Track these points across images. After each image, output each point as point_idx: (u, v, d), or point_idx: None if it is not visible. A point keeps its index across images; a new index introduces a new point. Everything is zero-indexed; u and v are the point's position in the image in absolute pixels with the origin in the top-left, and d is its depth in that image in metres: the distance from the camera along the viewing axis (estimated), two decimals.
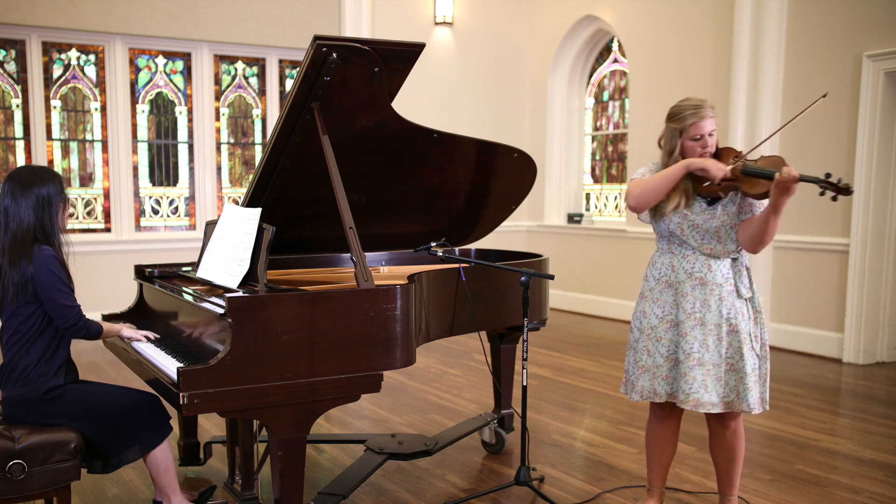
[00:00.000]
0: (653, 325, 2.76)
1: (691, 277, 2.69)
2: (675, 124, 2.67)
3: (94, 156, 6.84)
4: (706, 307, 2.67)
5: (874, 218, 5.65)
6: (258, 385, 2.38)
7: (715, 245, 2.68)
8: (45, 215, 2.63)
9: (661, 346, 2.74)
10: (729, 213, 2.67)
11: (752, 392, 2.65)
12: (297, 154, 2.95)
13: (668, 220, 2.72)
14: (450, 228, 3.78)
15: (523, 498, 3.22)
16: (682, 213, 2.70)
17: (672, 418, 2.88)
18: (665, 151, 2.74)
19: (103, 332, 2.73)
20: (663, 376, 2.74)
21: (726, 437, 2.78)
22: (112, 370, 5.26)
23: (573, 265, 8.08)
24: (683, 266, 2.72)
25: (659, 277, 2.78)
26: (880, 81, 5.51)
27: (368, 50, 2.66)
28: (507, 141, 5.58)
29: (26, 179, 2.63)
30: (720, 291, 2.67)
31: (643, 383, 2.77)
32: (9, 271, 2.57)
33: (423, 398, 4.73)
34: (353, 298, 2.52)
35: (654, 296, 2.78)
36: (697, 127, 2.63)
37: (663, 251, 2.80)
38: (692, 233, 2.69)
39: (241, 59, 7.32)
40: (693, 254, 2.71)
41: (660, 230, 2.78)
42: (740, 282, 2.70)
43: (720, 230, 2.67)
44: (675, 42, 6.96)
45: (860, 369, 5.59)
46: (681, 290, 2.71)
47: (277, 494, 2.51)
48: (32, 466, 2.47)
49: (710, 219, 2.67)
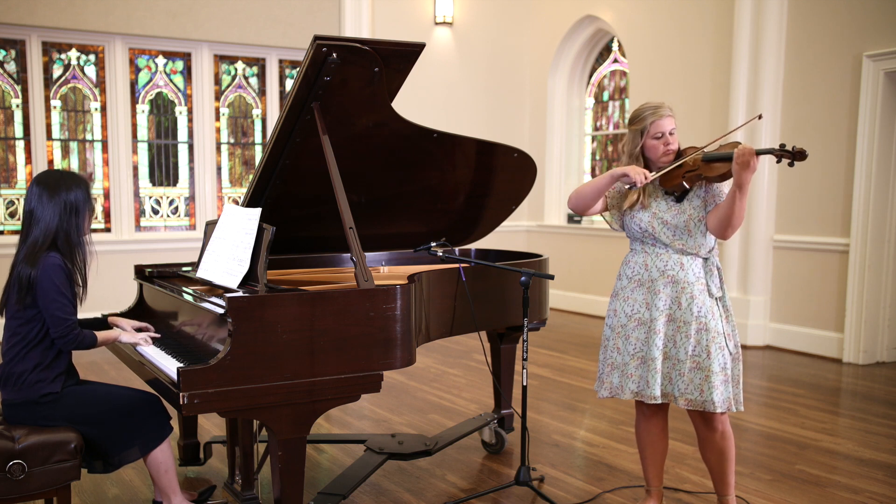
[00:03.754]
0: (622, 324, 2.83)
1: (664, 275, 2.75)
2: (637, 125, 2.79)
3: (94, 156, 6.84)
4: (677, 304, 2.72)
5: (874, 218, 5.65)
6: (258, 385, 2.38)
7: (686, 240, 2.74)
8: (72, 221, 2.64)
9: (629, 344, 2.80)
10: (695, 206, 2.74)
11: (717, 391, 2.66)
12: (297, 154, 2.95)
13: (639, 219, 2.79)
14: (450, 228, 3.78)
15: (523, 498, 3.22)
16: (652, 212, 2.78)
17: (658, 415, 2.92)
18: (627, 154, 2.84)
19: (97, 343, 2.69)
20: (630, 374, 2.79)
21: (715, 440, 2.79)
22: (112, 370, 5.26)
23: (573, 265, 8.08)
24: (656, 264, 2.77)
25: (632, 276, 2.84)
26: (880, 81, 5.51)
27: (368, 50, 2.66)
28: (507, 141, 5.58)
29: (54, 184, 2.63)
30: (692, 290, 2.71)
31: (612, 380, 2.84)
32: (20, 270, 2.58)
33: (423, 398, 4.73)
34: (353, 298, 2.52)
35: (626, 294, 2.84)
36: (657, 125, 2.74)
37: (637, 251, 2.86)
38: (663, 229, 2.76)
39: (241, 59, 7.32)
40: (666, 252, 2.77)
41: (632, 231, 2.85)
42: (711, 281, 2.74)
43: (689, 224, 2.73)
44: (675, 42, 6.96)
45: (860, 369, 5.58)
46: (653, 289, 2.76)
47: (277, 494, 2.51)
48: (32, 466, 2.47)
49: (679, 214, 2.75)
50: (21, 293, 2.56)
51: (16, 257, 2.64)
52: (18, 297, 2.57)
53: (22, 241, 2.64)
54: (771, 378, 5.32)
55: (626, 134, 2.87)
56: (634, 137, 2.80)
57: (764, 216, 6.20)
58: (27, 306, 2.58)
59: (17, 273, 2.59)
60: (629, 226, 2.85)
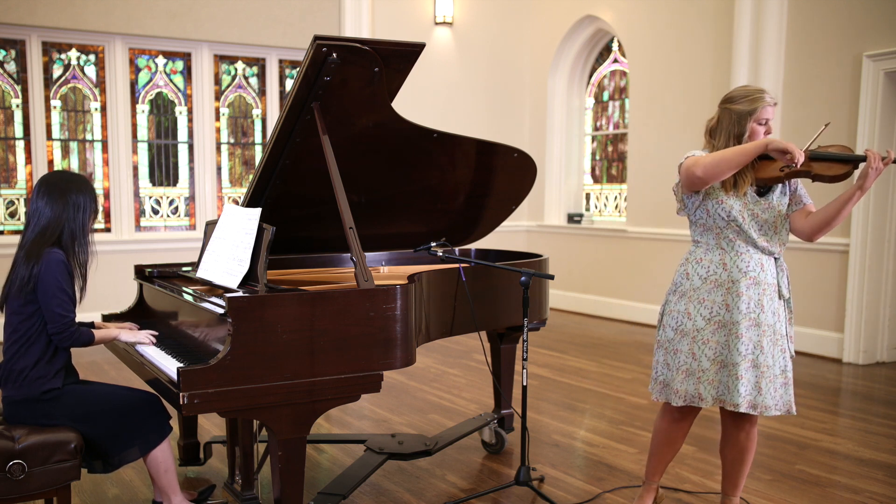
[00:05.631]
0: (699, 328, 2.65)
1: (746, 276, 2.60)
2: (742, 106, 2.59)
3: (94, 156, 6.84)
4: (760, 307, 2.59)
5: (874, 218, 5.65)
6: (258, 385, 2.38)
7: (772, 236, 2.63)
8: (77, 218, 2.66)
9: (708, 348, 2.63)
10: (783, 203, 2.64)
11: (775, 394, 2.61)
12: (298, 154, 2.95)
13: (730, 206, 2.59)
14: (450, 228, 3.77)
15: (523, 498, 3.22)
16: (743, 201, 2.59)
17: (687, 420, 2.82)
18: (731, 135, 2.61)
19: (94, 341, 2.70)
20: (709, 380, 2.63)
21: (740, 439, 2.74)
22: (112, 370, 5.26)
23: (573, 265, 8.08)
24: (737, 264, 2.61)
25: (706, 276, 2.65)
26: (880, 81, 5.51)
27: (368, 50, 2.66)
28: (507, 141, 5.58)
29: (63, 185, 2.66)
30: (771, 291, 2.62)
31: (687, 387, 2.66)
32: (22, 266, 2.59)
33: (423, 398, 4.73)
34: (353, 298, 2.52)
35: (700, 296, 2.65)
36: (767, 111, 2.58)
37: (710, 247, 2.67)
38: (752, 223, 2.60)
39: (241, 59, 7.32)
40: (747, 251, 2.62)
41: (715, 220, 2.62)
42: (782, 282, 2.67)
43: (777, 221, 2.62)
44: (675, 42, 6.96)
45: (860, 369, 5.58)
46: (734, 290, 2.60)
47: (277, 494, 2.51)
48: (32, 466, 2.47)
49: (768, 208, 2.61)
50: (22, 287, 2.57)
51: (17, 252, 2.64)
52: (19, 291, 2.57)
53: (25, 237, 2.65)
54: None
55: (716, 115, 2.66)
56: (741, 119, 2.59)
57: None
58: (28, 302, 2.58)
59: (18, 267, 2.60)
60: (712, 212, 2.62)
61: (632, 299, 7.40)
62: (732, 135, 2.61)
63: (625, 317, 7.48)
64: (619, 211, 8.09)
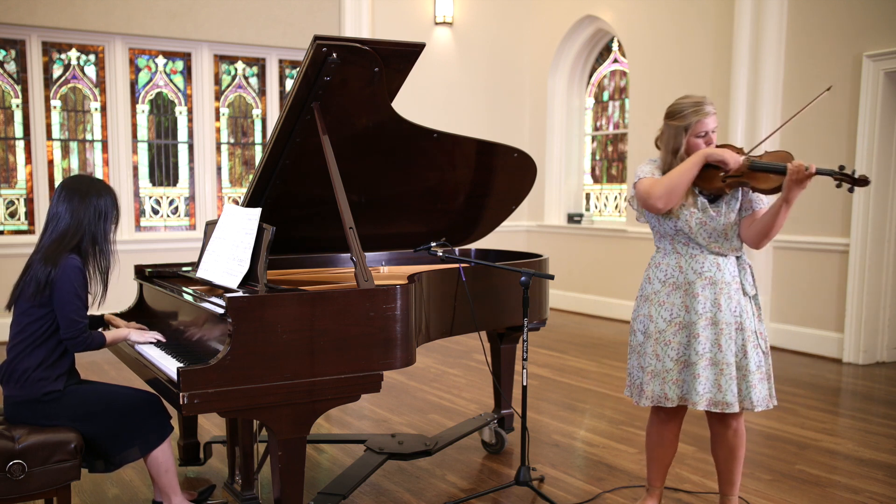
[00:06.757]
0: (660, 329, 2.72)
1: (701, 277, 2.67)
2: (679, 122, 2.66)
3: (94, 156, 6.84)
4: (717, 307, 2.65)
5: (874, 218, 5.65)
6: (258, 385, 2.38)
7: (722, 243, 2.68)
8: (99, 225, 2.68)
9: (671, 349, 2.70)
10: (733, 209, 2.68)
11: (755, 390, 2.65)
12: (297, 154, 2.95)
13: (677, 218, 2.69)
14: (450, 228, 3.77)
15: (523, 498, 3.22)
16: (690, 211, 2.68)
17: (675, 421, 2.87)
18: (669, 150, 2.71)
19: (106, 343, 2.72)
20: (673, 380, 2.70)
21: (728, 437, 2.77)
22: (112, 370, 5.26)
23: (573, 265, 8.08)
24: (692, 266, 2.70)
25: (665, 279, 2.74)
26: (880, 81, 5.51)
27: (368, 50, 2.66)
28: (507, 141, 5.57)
29: (85, 189, 2.68)
30: (728, 290, 2.67)
31: (653, 388, 2.73)
32: (38, 269, 2.58)
33: (423, 398, 4.73)
34: (353, 298, 2.52)
35: (661, 298, 2.74)
36: (702, 124, 2.64)
37: (667, 252, 2.77)
38: (700, 231, 2.68)
39: (241, 59, 7.32)
40: (701, 253, 2.70)
41: (665, 229, 2.74)
42: (745, 279, 2.71)
43: (727, 228, 2.68)
44: (675, 42, 6.96)
45: (860, 369, 5.58)
46: (691, 291, 2.68)
47: (277, 494, 2.51)
48: (32, 466, 2.47)
49: (717, 216, 2.67)
50: (37, 291, 2.56)
51: (33, 255, 2.64)
52: (34, 294, 2.57)
53: (43, 240, 2.65)
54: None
55: (662, 127, 2.73)
56: (677, 134, 2.67)
57: None
58: (40, 305, 2.58)
59: (34, 270, 2.59)
60: (662, 221, 2.73)
61: (632, 299, 7.38)
62: (670, 149, 2.71)
63: (625, 317, 7.47)
64: (619, 211, 8.09)
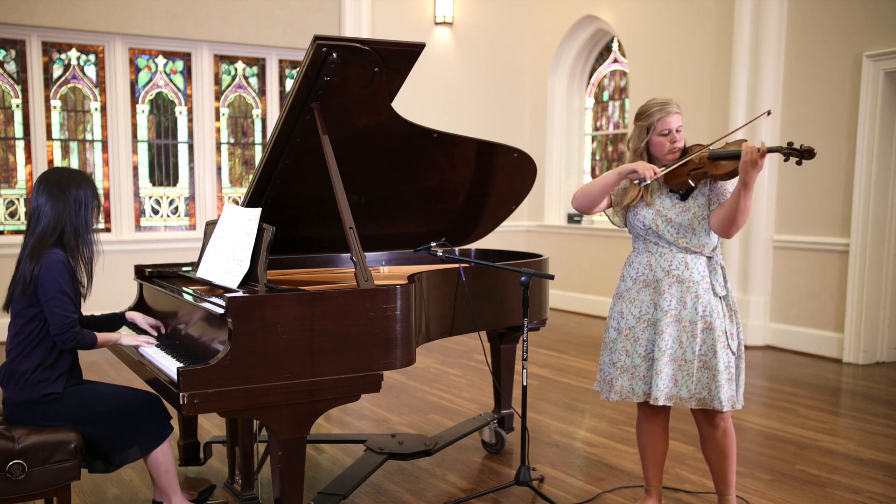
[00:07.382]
0: (630, 326, 2.80)
1: (668, 275, 2.73)
2: (643, 122, 2.75)
3: (94, 156, 6.84)
4: (682, 304, 2.71)
5: (874, 218, 5.65)
6: (258, 385, 2.38)
7: (691, 238, 2.73)
8: (80, 215, 2.65)
9: (639, 345, 2.77)
10: (700, 204, 2.73)
11: (723, 389, 2.67)
12: (297, 154, 2.95)
13: (643, 216, 2.76)
14: (450, 228, 3.77)
15: (523, 498, 3.22)
16: (656, 209, 2.75)
17: (660, 415, 2.91)
18: (632, 150, 2.82)
19: (97, 343, 2.68)
20: (641, 376, 2.77)
21: (717, 438, 2.79)
22: (112, 370, 5.26)
23: (573, 265, 8.08)
24: (661, 264, 2.76)
25: (636, 277, 2.82)
26: (880, 81, 5.51)
27: (368, 50, 2.66)
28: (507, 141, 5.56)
29: (64, 181, 2.65)
30: (696, 289, 2.70)
31: (622, 383, 2.81)
32: (24, 266, 2.58)
33: (423, 398, 4.73)
34: (353, 298, 2.52)
35: (632, 295, 2.82)
36: (665, 122, 2.72)
37: (640, 251, 2.84)
38: (667, 227, 2.74)
39: (241, 59, 7.32)
40: (670, 251, 2.75)
41: (635, 228, 2.82)
42: (715, 280, 2.74)
43: (693, 222, 2.72)
44: (675, 42, 6.96)
45: (860, 369, 5.58)
46: (658, 289, 2.74)
47: (277, 494, 2.51)
48: (32, 466, 2.47)
49: (683, 212, 2.73)
50: (24, 288, 2.56)
51: (21, 253, 2.64)
52: (22, 292, 2.57)
53: (28, 237, 2.64)
54: (771, 378, 5.32)
55: (630, 131, 2.83)
56: (640, 133, 2.77)
57: (764, 216, 6.20)
58: (30, 304, 2.58)
59: (22, 268, 2.59)
60: (632, 222, 2.82)
61: None
62: (633, 148, 2.81)
63: None
64: None
